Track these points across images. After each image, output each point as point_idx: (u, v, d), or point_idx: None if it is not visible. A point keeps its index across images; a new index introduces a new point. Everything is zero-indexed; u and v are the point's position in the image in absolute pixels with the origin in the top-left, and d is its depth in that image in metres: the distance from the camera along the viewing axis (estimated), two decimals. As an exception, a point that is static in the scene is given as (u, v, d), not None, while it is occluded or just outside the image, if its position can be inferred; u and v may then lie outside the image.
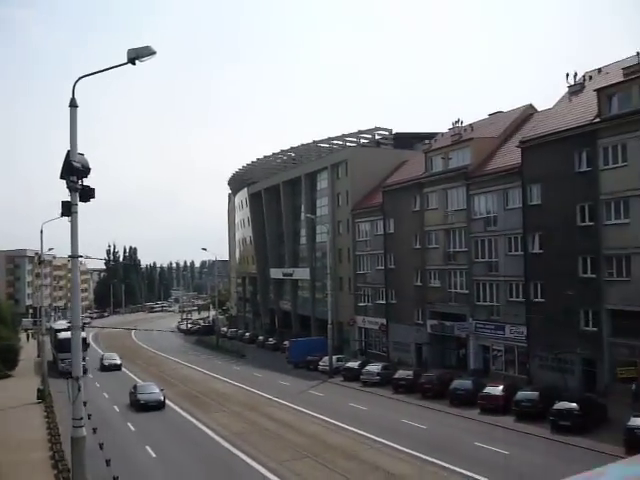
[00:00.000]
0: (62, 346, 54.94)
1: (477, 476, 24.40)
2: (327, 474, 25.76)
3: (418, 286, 54.80)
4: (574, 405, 31.23)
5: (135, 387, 44.26)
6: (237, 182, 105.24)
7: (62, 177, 17.43)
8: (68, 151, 17.38)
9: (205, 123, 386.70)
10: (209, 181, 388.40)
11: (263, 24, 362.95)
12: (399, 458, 27.67)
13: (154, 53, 16.59)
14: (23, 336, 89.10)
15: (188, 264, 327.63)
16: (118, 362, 64.70)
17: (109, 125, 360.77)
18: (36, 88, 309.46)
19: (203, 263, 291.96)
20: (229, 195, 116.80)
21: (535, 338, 42.06)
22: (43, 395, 43.94)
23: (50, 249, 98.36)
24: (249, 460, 28.27)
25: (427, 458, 27.20)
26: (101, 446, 28.63)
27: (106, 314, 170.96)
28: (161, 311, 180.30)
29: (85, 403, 20.78)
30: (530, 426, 32.21)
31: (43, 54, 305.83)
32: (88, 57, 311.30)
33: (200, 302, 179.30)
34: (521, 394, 35.12)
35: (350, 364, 53.21)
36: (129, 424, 37.05)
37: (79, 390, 17.39)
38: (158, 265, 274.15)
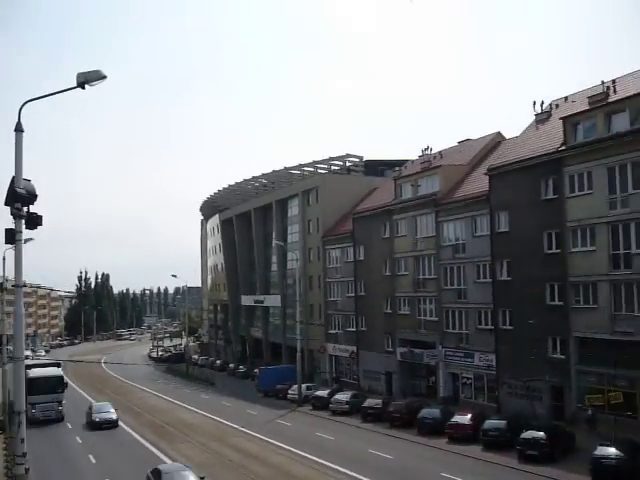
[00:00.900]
0: (32, 387, 45.03)
1: (441, 508, 23.92)
2: (288, 507, 25.12)
3: (388, 313, 54.49)
4: (541, 434, 30.97)
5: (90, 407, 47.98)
6: (209, 208, 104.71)
7: (6, 204, 16.91)
8: (13, 177, 16.88)
9: (175, 150, 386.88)
10: (182, 208, 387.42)
11: (231, 46, 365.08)
12: (363, 490, 27.11)
13: (104, 77, 16.33)
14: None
15: (162, 290, 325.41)
16: (114, 417, 45.68)
17: (77, 152, 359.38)
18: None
19: (177, 290, 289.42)
20: (201, 221, 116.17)
21: (504, 366, 41.82)
22: (3, 425, 42.69)
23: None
24: (210, 493, 27.50)
25: (391, 490, 26.67)
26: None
27: (77, 341, 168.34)
28: (129, 339, 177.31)
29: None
30: (497, 455, 31.89)
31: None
32: (63, 80, 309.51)
33: (172, 329, 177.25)
34: (489, 423, 34.83)
35: (319, 392, 52.56)
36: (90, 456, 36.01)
37: (19, 425, 16.71)
38: (131, 292, 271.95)
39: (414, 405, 42.45)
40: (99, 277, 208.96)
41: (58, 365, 54.52)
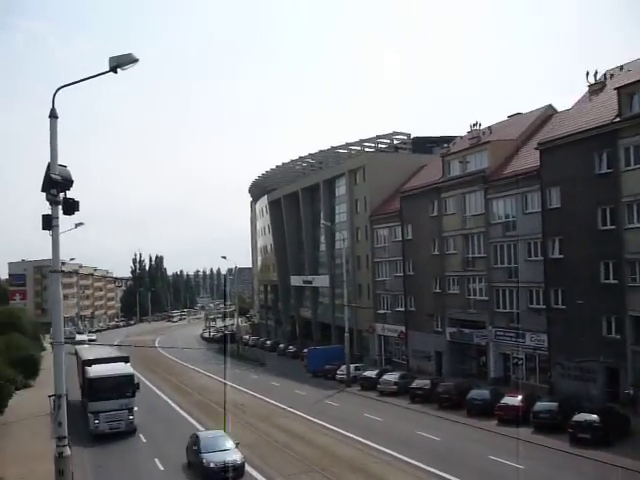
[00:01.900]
0: (94, 390, 36.33)
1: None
2: (332, 489, 24.90)
3: (437, 293, 53.66)
4: (594, 417, 29.97)
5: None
6: (257, 190, 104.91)
7: (43, 190, 16.89)
8: (49, 164, 16.83)
9: (226, 131, 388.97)
10: (234, 189, 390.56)
11: (278, 25, 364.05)
12: (407, 472, 26.74)
13: (136, 60, 16.20)
14: (49, 346, 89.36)
15: (214, 272, 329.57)
16: (237, 459, 27.30)
17: (129, 136, 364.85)
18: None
19: (229, 270, 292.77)
20: (250, 203, 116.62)
21: (556, 346, 40.66)
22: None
23: (71, 259, 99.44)
24: (256, 473, 27.58)
25: (436, 472, 26.24)
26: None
27: (132, 322, 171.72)
28: (180, 320, 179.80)
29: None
30: (548, 438, 31.02)
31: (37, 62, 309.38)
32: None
33: (224, 310, 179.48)
34: (540, 405, 33.89)
35: (368, 373, 52.20)
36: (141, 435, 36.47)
37: (59, 408, 16.77)
38: (184, 273, 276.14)
39: (463, 386, 41.74)
40: (153, 259, 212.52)
41: (126, 360, 41.80)
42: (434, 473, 26.14)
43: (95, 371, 37.63)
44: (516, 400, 35.78)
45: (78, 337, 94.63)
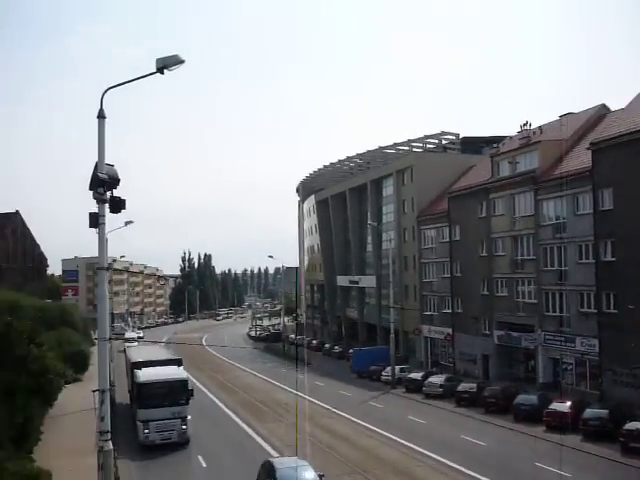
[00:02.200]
0: (144, 396, 33.55)
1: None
2: (374, 492, 24.67)
3: (485, 295, 52.86)
4: (647, 425, 29.03)
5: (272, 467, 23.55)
6: (305, 189, 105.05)
7: (90, 188, 17.14)
8: (96, 163, 17.06)
9: (273, 131, 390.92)
10: (280, 190, 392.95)
11: (327, 25, 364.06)
12: (450, 476, 26.40)
13: (182, 62, 16.25)
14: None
15: (262, 271, 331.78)
16: None
17: (178, 134, 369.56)
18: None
19: (276, 270, 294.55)
20: (298, 203, 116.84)
21: (608, 351, 39.55)
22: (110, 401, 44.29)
23: (122, 256, 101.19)
24: (297, 474, 27.37)
25: (480, 477, 25.82)
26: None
27: (180, 319, 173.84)
28: (227, 318, 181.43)
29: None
30: (598, 447, 30.25)
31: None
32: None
33: (271, 309, 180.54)
34: (589, 412, 33.06)
35: (413, 375, 51.75)
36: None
37: (102, 403, 16.96)
38: (232, 272, 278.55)
39: (510, 390, 41.03)
40: (202, 258, 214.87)
41: (179, 363, 38.79)
42: (478, 479, 25.66)
43: (145, 375, 34.41)
44: (565, 406, 34.97)
45: (127, 335, 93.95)
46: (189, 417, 33.85)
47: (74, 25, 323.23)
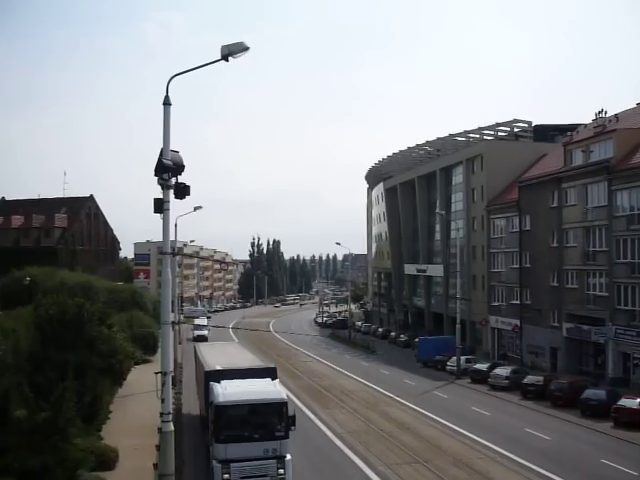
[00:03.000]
0: (225, 425, 22.41)
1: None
2: (433, 482, 24.58)
3: (554, 287, 51.67)
4: None
5: None
6: (374, 177, 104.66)
7: (155, 174, 17.49)
8: (161, 149, 17.37)
9: (344, 118, 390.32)
10: (351, 177, 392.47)
11: (396, 13, 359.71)
12: (513, 470, 25.90)
13: (247, 49, 16.42)
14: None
15: (330, 257, 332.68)
16: None
17: (254, 123, 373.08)
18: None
19: (345, 257, 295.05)
20: (367, 190, 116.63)
21: (683, 348, 38.22)
22: (174, 382, 45.37)
23: (191, 241, 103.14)
24: (358, 460, 27.60)
25: (544, 473, 25.27)
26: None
27: (249, 304, 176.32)
28: (292, 303, 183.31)
29: None
30: (668, 445, 29.19)
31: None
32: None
33: (339, 295, 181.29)
34: (660, 409, 31.95)
35: (478, 366, 51.10)
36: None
37: (163, 385, 17.40)
38: (301, 258, 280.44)
39: (578, 384, 40.02)
40: (271, 243, 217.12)
41: (272, 374, 26.01)
42: (542, 474, 25.19)
43: (227, 393, 22.79)
44: (635, 402, 33.87)
45: (197, 321, 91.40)
46: (289, 457, 22.36)
47: (148, 11, 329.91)
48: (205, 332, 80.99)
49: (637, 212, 42.52)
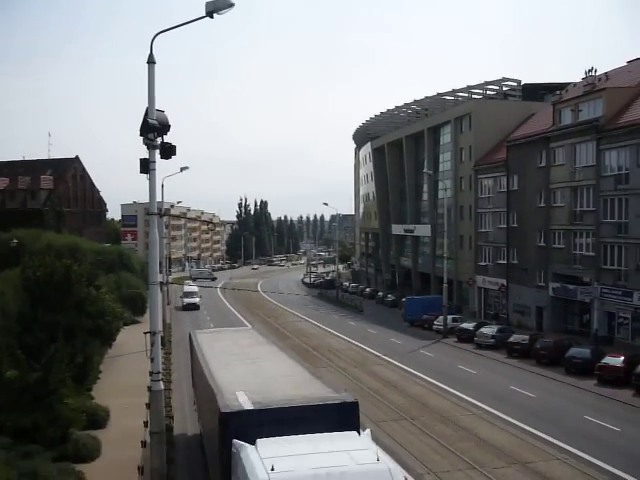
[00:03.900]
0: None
1: (580, 453, 22.72)
2: (420, 438, 25.01)
3: (541, 246, 51.98)
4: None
5: None
6: (361, 136, 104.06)
7: (141, 134, 17.29)
8: (146, 109, 17.15)
9: (332, 77, 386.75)
10: (338, 136, 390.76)
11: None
12: (498, 427, 26.36)
13: (232, 5, 16.21)
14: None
15: (318, 218, 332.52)
16: None
17: (242, 81, 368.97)
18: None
19: (333, 217, 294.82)
20: (354, 150, 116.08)
21: (667, 306, 38.69)
22: (163, 341, 45.57)
23: (179, 202, 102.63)
24: (345, 418, 27.86)
25: (528, 429, 25.74)
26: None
27: (237, 265, 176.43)
28: (279, 265, 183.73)
29: None
30: (651, 402, 29.75)
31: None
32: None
33: (327, 255, 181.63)
34: (643, 366, 32.44)
35: (465, 325, 51.56)
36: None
37: (153, 345, 17.47)
38: (288, 219, 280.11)
39: (563, 343, 40.47)
40: (258, 204, 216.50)
41: (351, 414, 14.36)
42: (526, 430, 25.65)
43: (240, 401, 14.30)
44: (618, 360, 34.36)
45: (186, 288, 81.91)
46: None
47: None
48: (196, 300, 75.49)
49: (625, 172, 42.59)
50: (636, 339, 41.86)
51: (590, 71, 51.78)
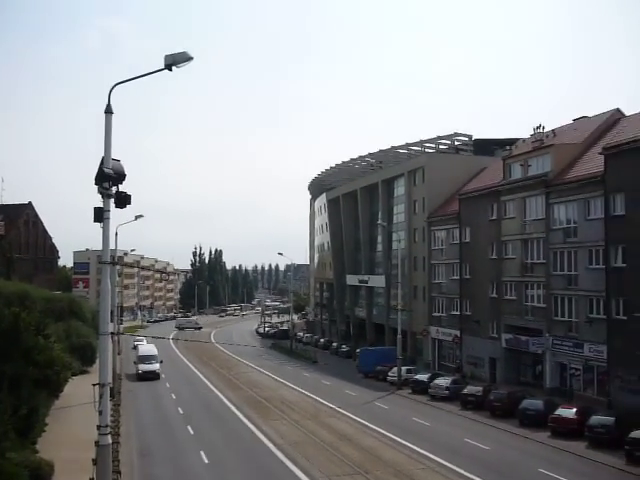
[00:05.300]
0: None
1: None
2: (375, 494, 24.56)
3: (493, 298, 52.59)
4: (654, 434, 28.68)
5: None
6: (316, 187, 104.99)
7: (96, 183, 17.14)
8: (102, 158, 17.04)
9: (284, 130, 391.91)
10: (293, 187, 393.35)
11: (335, 21, 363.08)
12: (452, 480, 26.11)
13: (191, 59, 16.34)
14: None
15: (273, 267, 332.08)
16: None
17: (188, 134, 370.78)
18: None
19: (287, 267, 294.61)
20: (310, 200, 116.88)
21: (617, 358, 39.13)
22: (112, 392, 44.36)
23: (132, 250, 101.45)
24: (299, 472, 27.44)
25: (483, 483, 25.53)
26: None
27: (190, 314, 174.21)
28: (233, 315, 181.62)
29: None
30: (603, 454, 29.84)
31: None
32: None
33: (281, 305, 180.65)
34: (595, 419, 32.65)
35: (419, 376, 51.49)
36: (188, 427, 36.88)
37: (101, 397, 16.96)
38: (243, 268, 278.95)
39: (516, 394, 40.68)
40: (213, 253, 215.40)
41: None
42: (480, 483, 25.50)
43: None
44: (571, 412, 34.62)
45: (141, 348, 65.45)
46: None
47: (91, 19, 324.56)
48: (156, 366, 58.61)
49: (573, 225, 43.63)
50: (588, 390, 42.29)
51: (538, 128, 53.35)
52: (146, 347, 65.38)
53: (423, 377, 50.82)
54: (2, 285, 56.65)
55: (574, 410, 34.83)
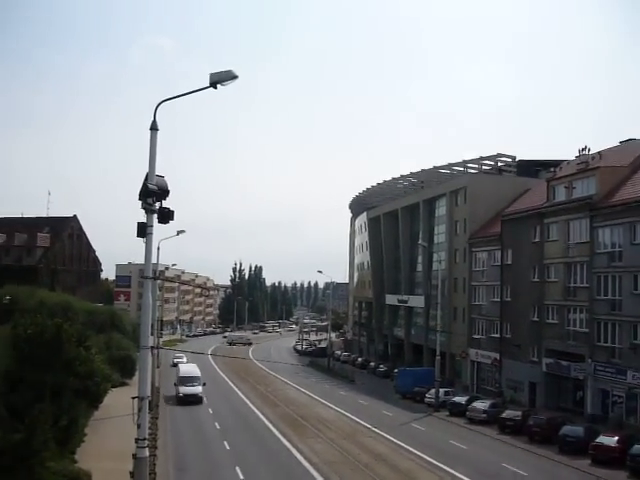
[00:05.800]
0: None
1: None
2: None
3: (534, 321, 51.82)
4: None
5: None
6: (358, 206, 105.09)
7: (140, 199, 17.42)
8: (147, 173, 17.34)
9: (331, 147, 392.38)
10: (336, 205, 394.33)
11: (378, 40, 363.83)
12: (490, 506, 25.72)
13: (236, 77, 16.44)
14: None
15: (312, 285, 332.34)
16: None
17: (242, 148, 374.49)
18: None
19: (327, 285, 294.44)
20: (350, 219, 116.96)
21: (661, 386, 38.35)
22: (150, 405, 44.79)
23: (173, 265, 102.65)
24: (333, 492, 27.29)
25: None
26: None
27: (229, 329, 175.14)
28: (271, 331, 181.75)
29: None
30: (645, 484, 29.16)
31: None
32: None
33: (320, 323, 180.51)
34: (638, 447, 31.88)
35: (457, 399, 50.91)
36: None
37: (140, 410, 17.17)
38: (282, 284, 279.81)
39: (556, 420, 39.94)
40: (252, 269, 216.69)
41: None
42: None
43: None
44: (612, 440, 33.88)
45: (183, 370, 57.84)
46: None
47: (139, 36, 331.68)
48: (198, 389, 53.03)
49: (618, 249, 42.92)
50: (630, 418, 41.32)
51: (584, 149, 52.68)
52: (188, 367, 59.54)
53: (461, 400, 50.23)
54: (46, 296, 57.91)
55: (616, 438, 34.07)
